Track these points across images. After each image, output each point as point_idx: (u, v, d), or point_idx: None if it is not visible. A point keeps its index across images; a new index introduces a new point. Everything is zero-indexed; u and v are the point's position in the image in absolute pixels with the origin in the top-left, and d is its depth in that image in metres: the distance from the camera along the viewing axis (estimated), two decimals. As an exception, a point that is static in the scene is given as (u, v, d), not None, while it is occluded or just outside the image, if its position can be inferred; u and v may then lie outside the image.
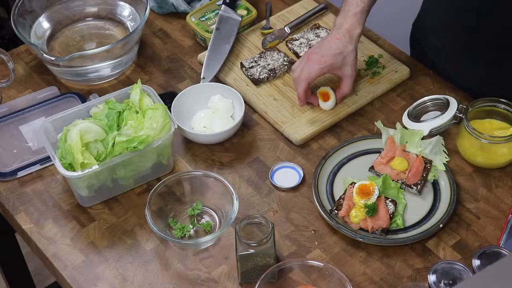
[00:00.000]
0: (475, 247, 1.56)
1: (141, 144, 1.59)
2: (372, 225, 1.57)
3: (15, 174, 1.70)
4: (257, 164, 1.73)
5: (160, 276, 1.55)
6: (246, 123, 1.80)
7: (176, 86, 1.89)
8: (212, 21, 1.97)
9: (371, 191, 1.58)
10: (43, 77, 1.92)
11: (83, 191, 1.62)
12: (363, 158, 1.72)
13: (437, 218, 1.60)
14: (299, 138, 1.76)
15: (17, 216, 1.65)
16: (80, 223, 1.63)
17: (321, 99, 1.79)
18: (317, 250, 1.58)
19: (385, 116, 1.80)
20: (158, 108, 1.62)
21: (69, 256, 1.58)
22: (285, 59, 1.89)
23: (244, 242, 1.48)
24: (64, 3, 1.98)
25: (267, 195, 1.67)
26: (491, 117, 1.72)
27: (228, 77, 1.89)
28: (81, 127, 1.58)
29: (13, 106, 1.84)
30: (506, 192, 1.66)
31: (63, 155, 1.57)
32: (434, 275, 1.43)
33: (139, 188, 1.69)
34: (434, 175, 1.67)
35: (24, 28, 1.88)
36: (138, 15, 1.95)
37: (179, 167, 1.72)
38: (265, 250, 1.49)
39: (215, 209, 1.63)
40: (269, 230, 1.48)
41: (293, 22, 2.00)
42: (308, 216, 1.63)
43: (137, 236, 1.61)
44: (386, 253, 1.57)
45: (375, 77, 1.87)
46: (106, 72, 1.88)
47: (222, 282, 1.53)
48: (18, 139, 1.78)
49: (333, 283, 1.47)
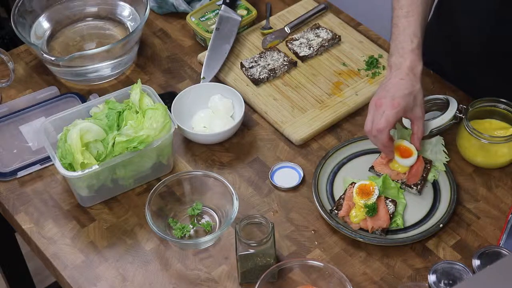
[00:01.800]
0: (475, 247, 1.56)
1: (141, 144, 1.59)
2: (372, 225, 1.57)
3: (15, 174, 1.70)
4: (257, 164, 1.73)
5: (160, 276, 1.55)
6: (246, 123, 1.80)
7: (176, 86, 1.89)
8: (212, 21, 1.97)
9: (371, 191, 1.58)
10: (43, 77, 1.92)
11: (83, 191, 1.62)
12: (363, 158, 1.72)
13: (437, 218, 1.60)
14: (299, 138, 1.76)
15: (17, 216, 1.65)
16: (80, 223, 1.63)
17: (398, 155, 1.65)
18: (317, 250, 1.58)
19: (385, 116, 1.80)
20: (158, 108, 1.62)
21: (69, 256, 1.58)
22: (285, 59, 1.89)
23: (244, 242, 1.48)
24: (64, 3, 1.98)
25: (267, 195, 1.67)
26: (491, 117, 1.72)
27: (228, 77, 1.89)
28: (81, 127, 1.58)
29: (13, 106, 1.84)
30: (506, 192, 1.66)
31: (63, 155, 1.57)
32: (434, 275, 1.43)
33: (139, 188, 1.69)
34: (434, 175, 1.67)
35: (24, 28, 1.88)
36: (138, 15, 1.95)
37: (179, 167, 1.72)
38: (265, 250, 1.49)
39: (215, 209, 1.63)
40: (269, 230, 1.49)
41: (293, 22, 2.00)
42: (308, 216, 1.63)
43: (137, 236, 1.61)
44: (386, 253, 1.57)
45: (375, 77, 1.87)
46: (106, 72, 1.88)
47: (222, 282, 1.53)
48: (18, 139, 1.78)
49: (333, 283, 1.47)
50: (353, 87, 1.85)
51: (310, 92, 1.85)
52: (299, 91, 1.85)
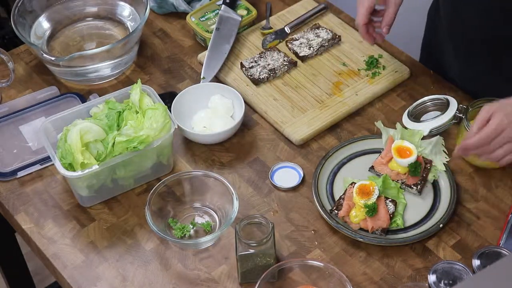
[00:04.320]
0: (475, 247, 1.56)
1: (141, 144, 1.59)
2: (372, 225, 1.57)
3: (15, 174, 1.70)
4: (257, 164, 1.73)
5: (160, 276, 1.55)
6: (246, 123, 1.80)
7: (176, 86, 1.89)
8: (212, 21, 1.97)
9: (371, 191, 1.58)
10: (43, 77, 1.92)
11: (83, 191, 1.62)
12: (363, 158, 1.72)
13: (437, 218, 1.60)
14: (299, 138, 1.76)
15: (17, 216, 1.65)
16: (80, 223, 1.63)
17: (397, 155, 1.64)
18: (317, 250, 1.58)
19: (385, 116, 1.80)
20: (158, 108, 1.62)
21: (69, 256, 1.58)
22: (285, 59, 1.89)
23: (244, 242, 1.48)
24: (64, 3, 1.99)
25: (267, 195, 1.67)
26: (491, 117, 1.71)
27: (228, 77, 1.89)
28: (81, 127, 1.58)
29: (13, 106, 1.84)
30: (506, 192, 1.66)
31: (63, 155, 1.57)
32: (434, 275, 1.43)
33: (139, 188, 1.69)
34: (434, 175, 1.67)
35: (24, 28, 1.88)
36: (138, 15, 1.95)
37: (179, 167, 1.72)
38: (265, 250, 1.49)
39: (215, 209, 1.63)
40: (269, 230, 1.49)
41: (293, 22, 2.00)
42: (308, 216, 1.63)
43: (137, 236, 1.61)
44: (386, 253, 1.57)
45: (375, 77, 1.87)
46: (106, 72, 1.88)
47: (222, 282, 1.53)
48: (18, 139, 1.78)
49: (333, 283, 1.47)
50: (353, 87, 1.85)
51: (310, 92, 1.85)
52: (299, 91, 1.85)
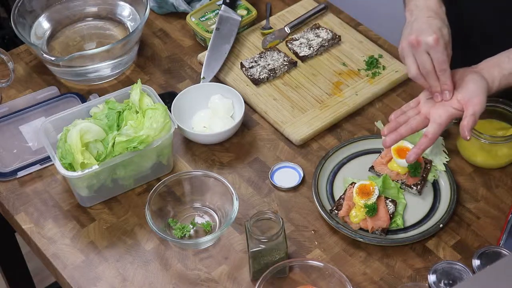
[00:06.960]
0: (475, 247, 1.56)
1: (141, 144, 1.59)
2: (372, 225, 1.57)
3: (15, 174, 1.70)
4: (257, 164, 1.73)
5: (160, 276, 1.55)
6: (246, 123, 1.80)
7: (176, 86, 1.89)
8: (212, 21, 1.97)
9: (371, 191, 1.58)
10: (43, 77, 1.92)
11: (83, 191, 1.62)
12: (363, 158, 1.72)
13: (437, 218, 1.60)
14: (299, 138, 1.76)
15: (17, 216, 1.65)
16: (80, 223, 1.63)
17: (397, 156, 1.64)
18: (317, 250, 1.58)
19: (385, 116, 1.80)
20: (158, 108, 1.62)
21: (69, 256, 1.58)
22: (285, 59, 1.89)
23: (255, 238, 1.47)
24: (64, 3, 1.98)
25: (267, 195, 1.67)
26: (491, 117, 1.71)
27: (228, 77, 1.89)
28: (81, 127, 1.58)
29: (13, 106, 1.84)
30: (506, 192, 1.66)
31: (63, 155, 1.58)
32: (434, 275, 1.43)
33: (139, 188, 1.69)
34: (434, 175, 1.67)
35: (24, 28, 1.88)
36: (138, 15, 1.95)
37: (179, 167, 1.72)
38: (277, 245, 1.48)
39: (215, 209, 1.63)
40: (280, 225, 1.48)
41: (293, 22, 2.00)
42: (308, 216, 1.63)
43: (137, 236, 1.61)
44: (386, 253, 1.57)
45: (375, 77, 1.87)
46: (106, 72, 1.88)
47: (222, 282, 1.53)
48: (18, 139, 1.78)
49: (333, 283, 1.47)
50: (353, 87, 1.85)
51: (310, 92, 1.85)
52: (299, 91, 1.85)
